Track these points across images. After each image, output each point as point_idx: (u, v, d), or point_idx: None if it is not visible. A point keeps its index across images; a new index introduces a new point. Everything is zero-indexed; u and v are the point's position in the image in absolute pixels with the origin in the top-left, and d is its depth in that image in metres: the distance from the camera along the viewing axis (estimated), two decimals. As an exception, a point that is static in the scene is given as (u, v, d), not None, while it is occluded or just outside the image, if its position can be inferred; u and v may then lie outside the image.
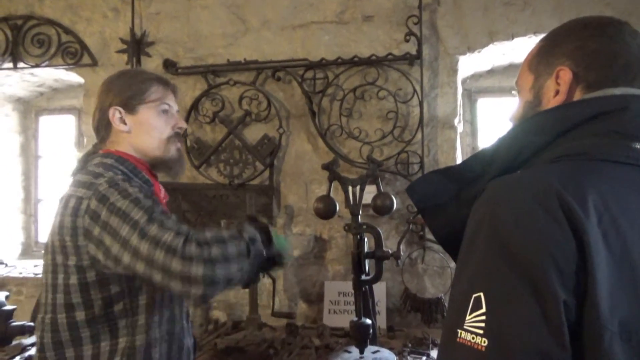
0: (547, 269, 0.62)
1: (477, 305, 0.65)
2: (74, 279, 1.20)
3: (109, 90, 1.36)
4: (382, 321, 2.37)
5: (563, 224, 0.64)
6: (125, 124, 1.33)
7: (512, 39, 2.40)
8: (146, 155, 1.37)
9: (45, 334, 1.22)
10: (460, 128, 2.61)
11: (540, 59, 0.90)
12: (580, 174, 0.70)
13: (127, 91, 1.34)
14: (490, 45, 2.43)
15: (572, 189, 0.67)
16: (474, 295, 0.66)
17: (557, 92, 0.86)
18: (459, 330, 0.66)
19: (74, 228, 1.19)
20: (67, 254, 1.20)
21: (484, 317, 0.64)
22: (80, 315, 1.20)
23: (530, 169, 0.78)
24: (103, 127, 1.36)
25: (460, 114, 2.58)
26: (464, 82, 2.77)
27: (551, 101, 0.87)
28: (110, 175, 1.23)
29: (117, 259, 1.15)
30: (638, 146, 0.73)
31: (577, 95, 0.84)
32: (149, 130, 1.34)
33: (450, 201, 0.87)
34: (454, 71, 2.47)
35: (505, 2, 2.40)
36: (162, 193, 1.41)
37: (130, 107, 1.33)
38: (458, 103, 2.50)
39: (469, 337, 0.65)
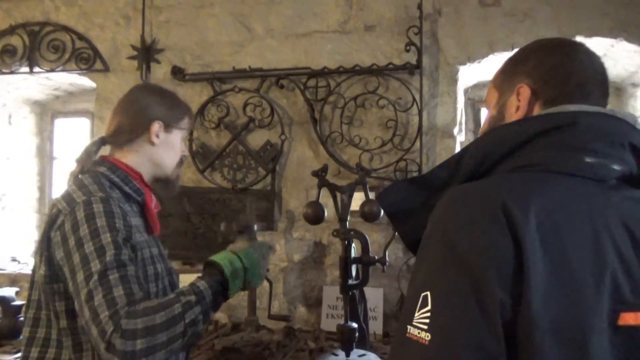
0: (486, 270, 0.67)
1: (424, 303, 0.70)
2: (44, 287, 1.23)
3: (157, 104, 1.42)
4: (378, 327, 2.40)
5: (504, 230, 0.69)
6: (158, 137, 1.40)
7: (512, 49, 2.42)
8: (159, 169, 1.43)
9: (32, 329, 1.25)
10: (461, 137, 2.64)
11: (504, 77, 0.95)
12: (528, 184, 0.75)
13: (173, 112, 1.43)
14: (490, 56, 2.45)
15: (517, 197, 0.72)
16: (422, 294, 0.71)
17: (517, 108, 0.90)
18: (409, 326, 0.71)
19: (48, 238, 1.22)
20: (40, 261, 1.23)
21: (429, 314, 0.69)
22: (54, 320, 1.23)
23: (484, 179, 0.82)
24: (135, 132, 1.39)
25: (462, 123, 2.61)
26: (466, 91, 2.80)
27: (513, 116, 0.91)
28: (89, 193, 1.23)
29: (72, 293, 1.16)
30: (587, 159, 0.77)
31: (536, 111, 0.89)
32: (172, 151, 1.44)
33: (418, 208, 0.92)
34: (454, 81, 2.50)
35: (505, 13, 2.43)
36: (154, 202, 1.44)
37: (169, 126, 1.42)
38: (458, 112, 2.53)
39: (415, 332, 0.69)
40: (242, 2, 2.74)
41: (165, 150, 1.42)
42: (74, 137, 3.63)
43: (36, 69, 3.01)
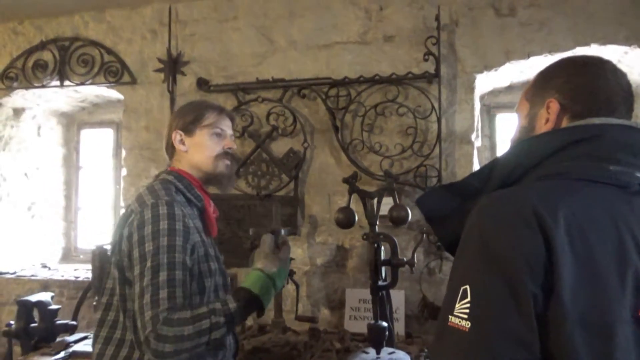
0: (519, 267, 0.76)
1: (464, 295, 0.79)
2: (115, 274, 1.42)
3: (174, 118, 1.60)
4: (400, 328, 2.46)
5: (536, 232, 0.77)
6: (184, 144, 1.56)
7: (528, 57, 2.50)
8: (200, 171, 1.56)
9: (103, 313, 1.44)
10: (478, 143, 2.71)
11: (535, 91, 1.04)
12: (556, 190, 0.84)
13: (187, 117, 1.57)
14: (507, 64, 2.53)
15: (547, 203, 0.80)
16: (462, 288, 0.80)
17: (547, 120, 0.99)
18: (450, 316, 0.80)
19: (121, 234, 1.41)
20: (113, 251, 1.43)
21: (468, 305, 0.78)
22: (121, 304, 1.41)
23: (516, 186, 0.90)
24: (169, 148, 1.61)
25: (478, 130, 2.68)
26: (482, 97, 2.87)
27: (542, 128, 1.00)
28: (157, 197, 1.40)
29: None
30: (612, 168, 0.85)
31: (564, 123, 0.97)
32: (202, 149, 1.55)
33: (454, 212, 1.00)
34: (471, 89, 2.58)
35: (521, 23, 2.50)
36: (212, 207, 1.59)
37: (189, 130, 1.56)
38: (475, 119, 2.61)
39: (456, 321, 0.78)
40: (265, 15, 2.85)
41: (196, 152, 1.56)
42: (99, 146, 3.75)
43: (66, 83, 3.14)
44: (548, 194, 0.83)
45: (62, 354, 2.26)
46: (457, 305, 0.79)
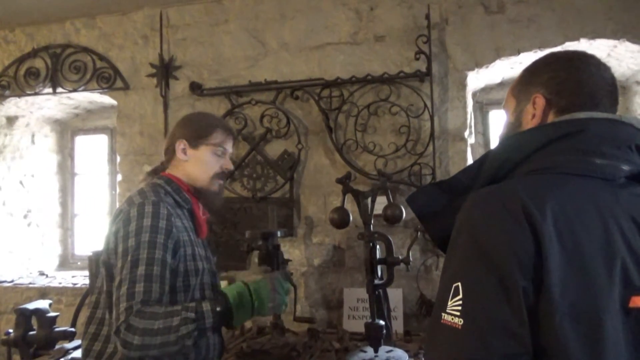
0: (509, 262, 0.77)
1: (456, 293, 0.80)
2: (103, 271, 1.48)
3: (183, 125, 1.64)
4: (399, 326, 2.48)
5: (524, 226, 0.79)
6: (185, 154, 1.60)
7: (518, 54, 2.51)
8: (194, 183, 1.61)
9: (92, 310, 1.50)
10: (471, 140, 2.72)
11: (521, 87, 1.05)
12: (544, 185, 0.85)
13: (196, 130, 1.61)
14: (498, 61, 2.54)
15: (534, 197, 0.81)
16: (454, 285, 0.81)
17: (533, 116, 1.00)
18: (443, 314, 0.81)
19: (110, 230, 1.48)
20: (104, 251, 1.49)
21: (460, 302, 0.79)
22: (107, 301, 1.46)
23: (504, 182, 0.91)
24: (169, 152, 1.64)
25: (471, 127, 2.70)
26: (474, 94, 2.88)
27: (529, 123, 1.01)
28: (144, 198, 1.46)
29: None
30: (597, 161, 0.87)
31: (550, 118, 0.98)
32: (202, 165, 1.60)
33: (444, 209, 1.01)
34: (463, 86, 2.59)
35: (510, 20, 2.52)
36: (201, 210, 1.64)
37: (194, 143, 1.60)
38: (468, 116, 2.62)
39: (449, 318, 0.80)
40: (256, 18, 2.86)
41: (195, 165, 1.61)
42: (93, 153, 3.75)
43: (59, 90, 3.13)
44: (535, 188, 0.84)
45: (61, 361, 2.26)
46: (449, 303, 0.81)
